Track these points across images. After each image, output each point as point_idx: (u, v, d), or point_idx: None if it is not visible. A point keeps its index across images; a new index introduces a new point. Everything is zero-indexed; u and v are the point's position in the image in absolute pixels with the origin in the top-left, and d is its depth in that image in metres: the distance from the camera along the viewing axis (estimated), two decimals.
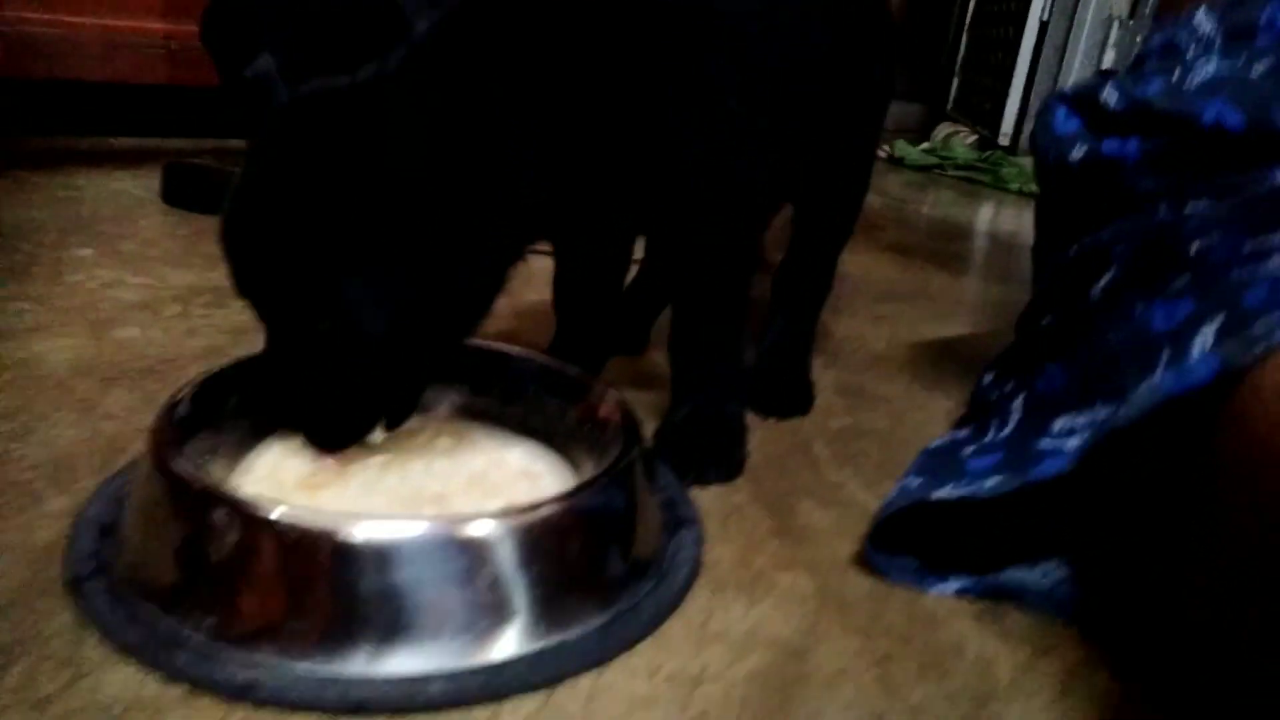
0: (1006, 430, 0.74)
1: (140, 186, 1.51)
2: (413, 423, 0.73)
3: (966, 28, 3.25)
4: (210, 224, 0.62)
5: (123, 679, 0.49)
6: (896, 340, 1.20)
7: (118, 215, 1.37)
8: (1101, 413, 0.62)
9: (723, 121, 0.71)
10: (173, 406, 0.63)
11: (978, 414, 0.82)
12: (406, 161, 0.57)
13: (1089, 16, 2.63)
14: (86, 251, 1.20)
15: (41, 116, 1.75)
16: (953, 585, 0.65)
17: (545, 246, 1.23)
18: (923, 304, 1.40)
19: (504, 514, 0.56)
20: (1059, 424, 0.66)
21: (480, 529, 0.55)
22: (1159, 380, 0.54)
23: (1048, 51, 2.72)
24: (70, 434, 0.74)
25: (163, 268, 1.16)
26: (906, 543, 0.66)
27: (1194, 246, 0.63)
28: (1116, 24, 2.61)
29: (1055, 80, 2.69)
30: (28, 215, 1.27)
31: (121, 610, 0.54)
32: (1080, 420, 0.64)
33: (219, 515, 0.53)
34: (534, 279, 0.78)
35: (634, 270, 1.03)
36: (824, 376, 1.03)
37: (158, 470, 0.56)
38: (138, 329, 0.97)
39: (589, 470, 0.68)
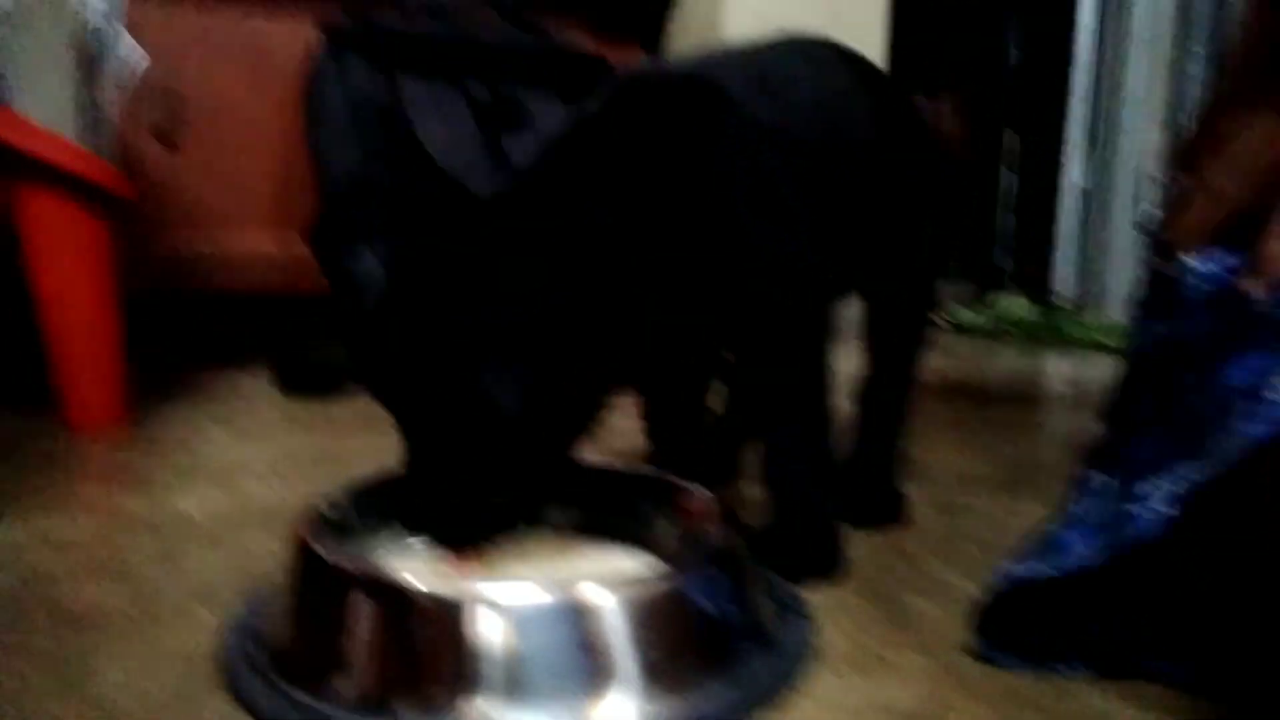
0: (1091, 499, 0.74)
1: (255, 380, 1.65)
2: (523, 535, 0.78)
3: (1012, 207, 3.38)
4: (313, 405, 0.71)
5: None
6: (985, 461, 1.21)
7: (238, 400, 1.49)
8: (1184, 471, 0.64)
9: (781, 218, 0.80)
10: (317, 509, 0.69)
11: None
12: (526, 261, 0.68)
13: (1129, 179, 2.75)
14: (213, 429, 1.30)
15: (176, 326, 1.94)
16: (1081, 670, 0.64)
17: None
18: (1004, 430, 1.42)
19: (617, 585, 0.60)
20: (1141, 488, 0.67)
21: (596, 597, 0.58)
22: (1240, 428, 0.56)
23: (1092, 213, 2.83)
24: (217, 566, 0.80)
25: (281, 438, 1.26)
26: (1023, 628, 0.66)
27: (1262, 305, 0.67)
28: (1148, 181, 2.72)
29: (1101, 238, 2.80)
30: (166, 405, 1.40)
31: (273, 694, 0.57)
32: (1163, 481, 0.66)
33: (357, 589, 0.58)
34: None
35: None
36: (913, 491, 1.04)
37: (301, 555, 0.61)
38: (264, 484, 1.04)
39: None
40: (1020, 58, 3.22)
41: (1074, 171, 2.91)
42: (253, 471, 1.09)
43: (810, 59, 0.92)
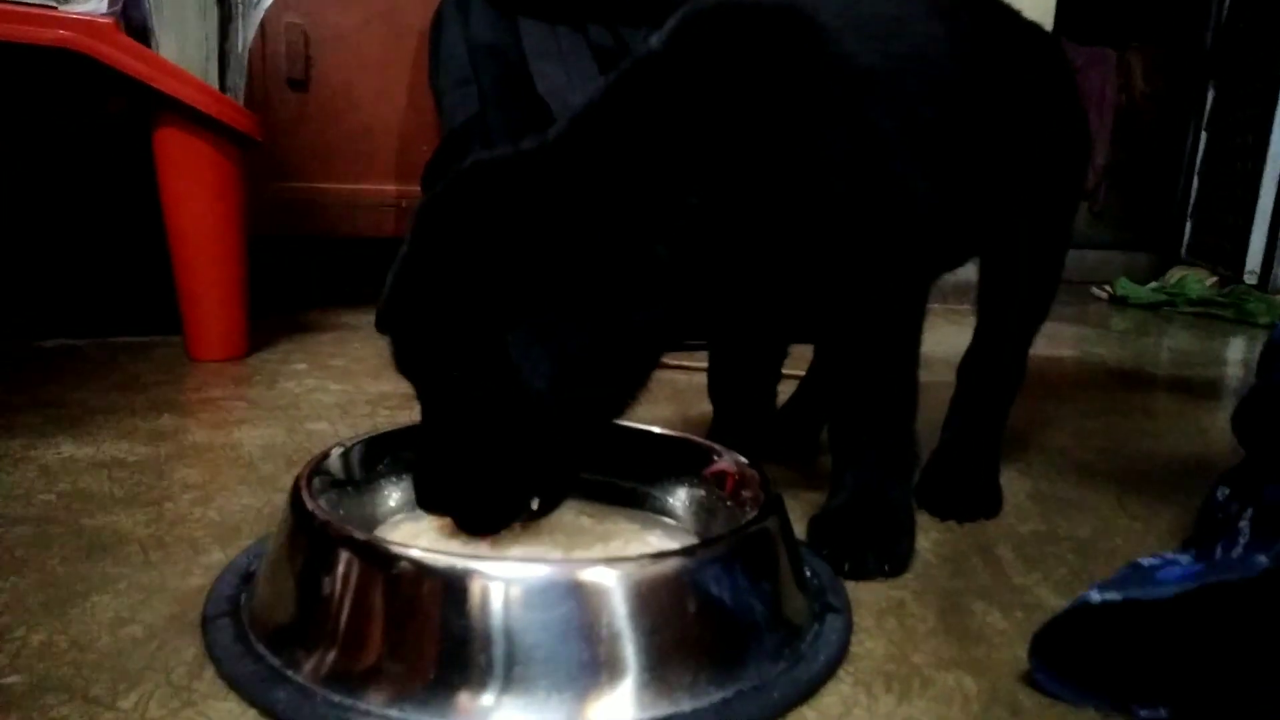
0: (1235, 553, 0.62)
1: (360, 320, 1.67)
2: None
3: (1198, 171, 3.03)
4: None
5: (224, 711, 0.49)
6: (1107, 453, 1.06)
7: (336, 340, 1.51)
8: None
9: (885, 181, 0.68)
10: (322, 458, 0.65)
11: (1206, 534, 0.69)
12: (565, 223, 0.58)
13: None
14: (301, 365, 1.31)
15: (293, 269, 1.99)
16: (1163, 714, 0.53)
17: (687, 360, 1.22)
18: (1141, 420, 1.24)
19: (619, 563, 0.53)
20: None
21: (594, 575, 0.52)
22: None
23: None
24: (245, 503, 0.79)
25: (362, 379, 1.25)
26: (1095, 657, 0.55)
27: None
28: None
29: None
30: (268, 341, 1.42)
31: (239, 646, 0.54)
32: None
33: (337, 549, 0.53)
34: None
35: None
36: (1016, 482, 0.92)
37: (290, 507, 0.57)
38: (327, 424, 1.03)
39: None
40: (1229, 6, 2.86)
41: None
42: (324, 412, 1.09)
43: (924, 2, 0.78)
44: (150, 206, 1.27)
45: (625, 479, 0.75)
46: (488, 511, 0.62)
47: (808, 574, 0.66)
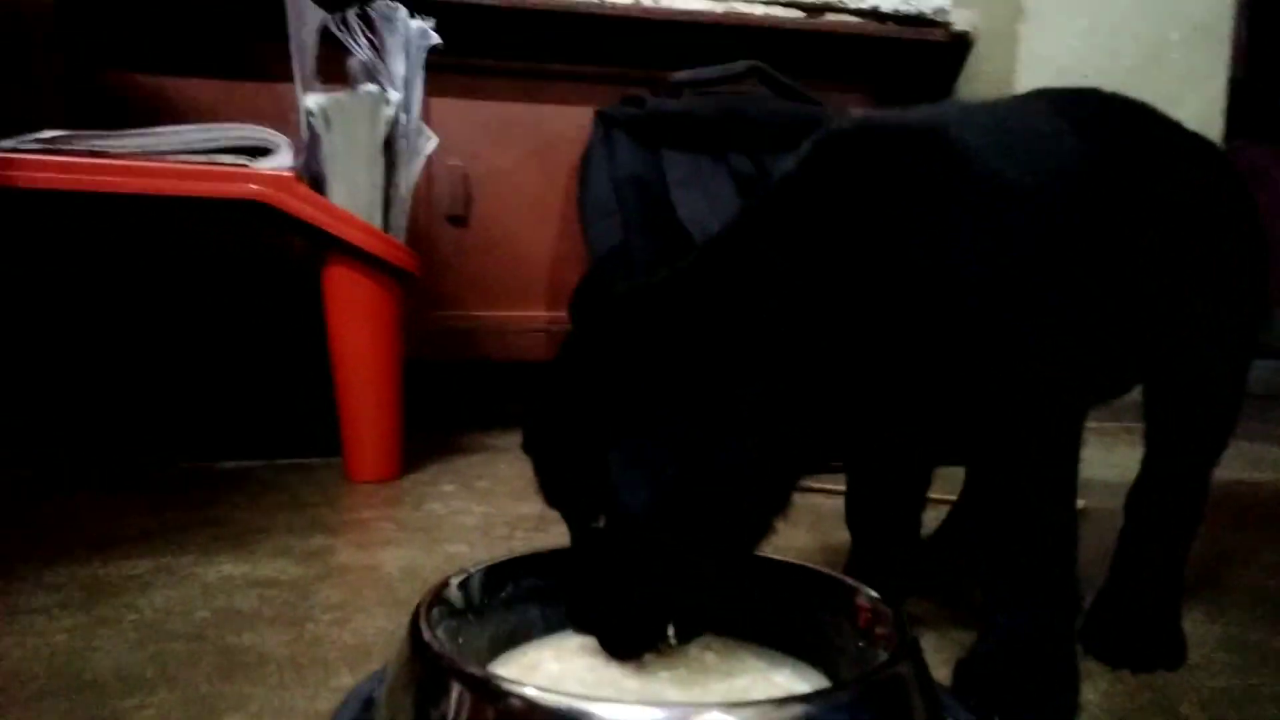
0: None
1: (507, 441, 1.72)
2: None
3: None
4: None
5: None
6: None
7: (484, 461, 1.55)
8: None
9: (1029, 305, 0.65)
10: (443, 585, 0.65)
11: None
12: (679, 348, 0.58)
13: None
14: (449, 487, 1.36)
15: (448, 393, 2.09)
16: None
17: (829, 483, 1.17)
18: None
19: (738, 708, 0.49)
20: None
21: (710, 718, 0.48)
22: None
23: None
24: (379, 625, 0.80)
25: (504, 500, 1.28)
26: None
27: None
28: None
29: None
30: (420, 463, 1.48)
31: None
32: None
33: (449, 681, 0.52)
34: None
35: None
36: (1202, 627, 0.82)
37: (408, 636, 0.57)
38: (466, 546, 1.05)
39: None
40: None
41: None
42: (464, 534, 1.11)
43: (1073, 112, 0.75)
44: (319, 338, 1.38)
45: (757, 611, 0.71)
46: (621, 635, 0.61)
47: None
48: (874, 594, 0.66)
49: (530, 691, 0.50)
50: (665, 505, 0.56)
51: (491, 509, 1.23)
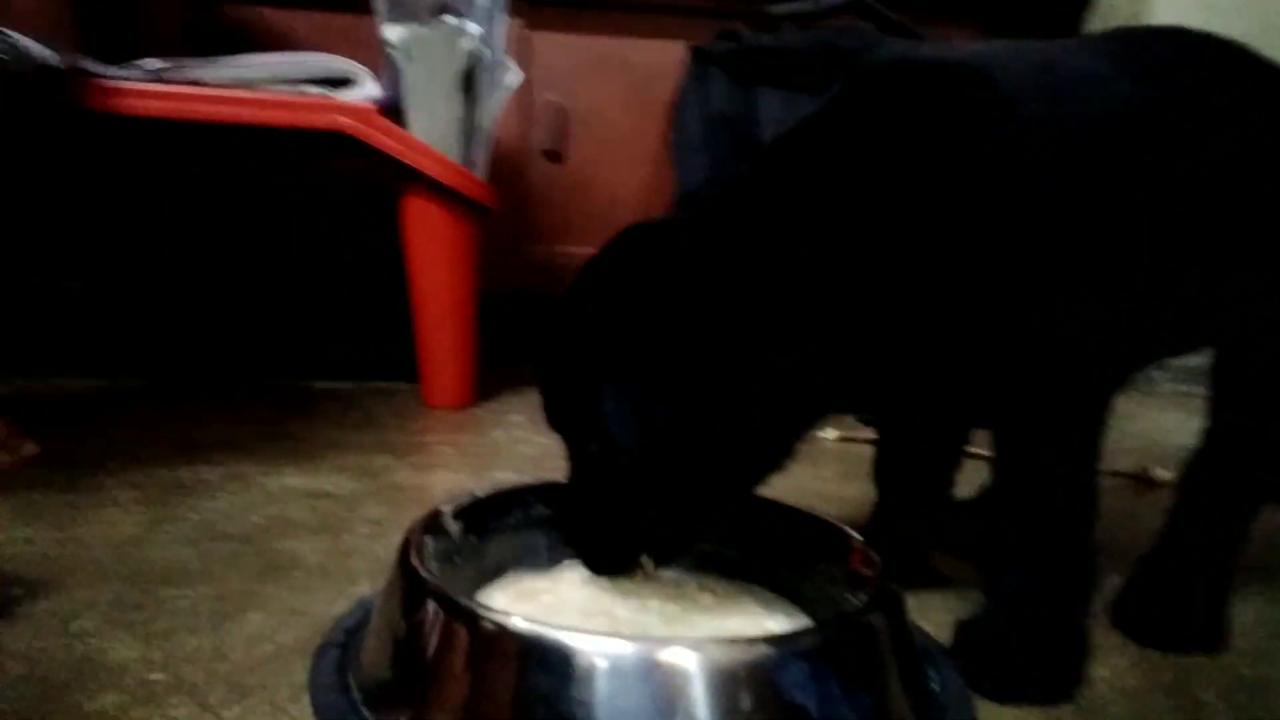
0: None
1: None
2: (683, 576, 0.71)
3: None
4: None
5: None
6: None
7: None
8: None
9: (1068, 260, 0.61)
10: (436, 513, 0.68)
11: None
12: (688, 286, 0.57)
13: None
14: (518, 417, 1.40)
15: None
16: None
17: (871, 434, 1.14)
18: None
19: (699, 645, 0.50)
20: None
21: (672, 656, 0.49)
22: None
23: None
24: None
25: None
26: None
27: None
28: None
29: None
30: (496, 392, 1.53)
31: (335, 678, 0.57)
32: None
33: (428, 606, 0.55)
34: None
35: None
36: (1257, 612, 0.77)
37: (398, 559, 0.60)
38: (513, 473, 1.09)
39: None
40: None
41: None
42: (519, 462, 1.14)
43: (1141, 55, 0.69)
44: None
45: (759, 556, 0.72)
46: (600, 554, 0.63)
47: (934, 687, 0.59)
48: (865, 544, 0.65)
49: (500, 616, 0.52)
50: (651, 442, 0.57)
51: (552, 441, 1.26)
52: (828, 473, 1.15)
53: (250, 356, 1.68)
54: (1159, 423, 1.35)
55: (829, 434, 1.32)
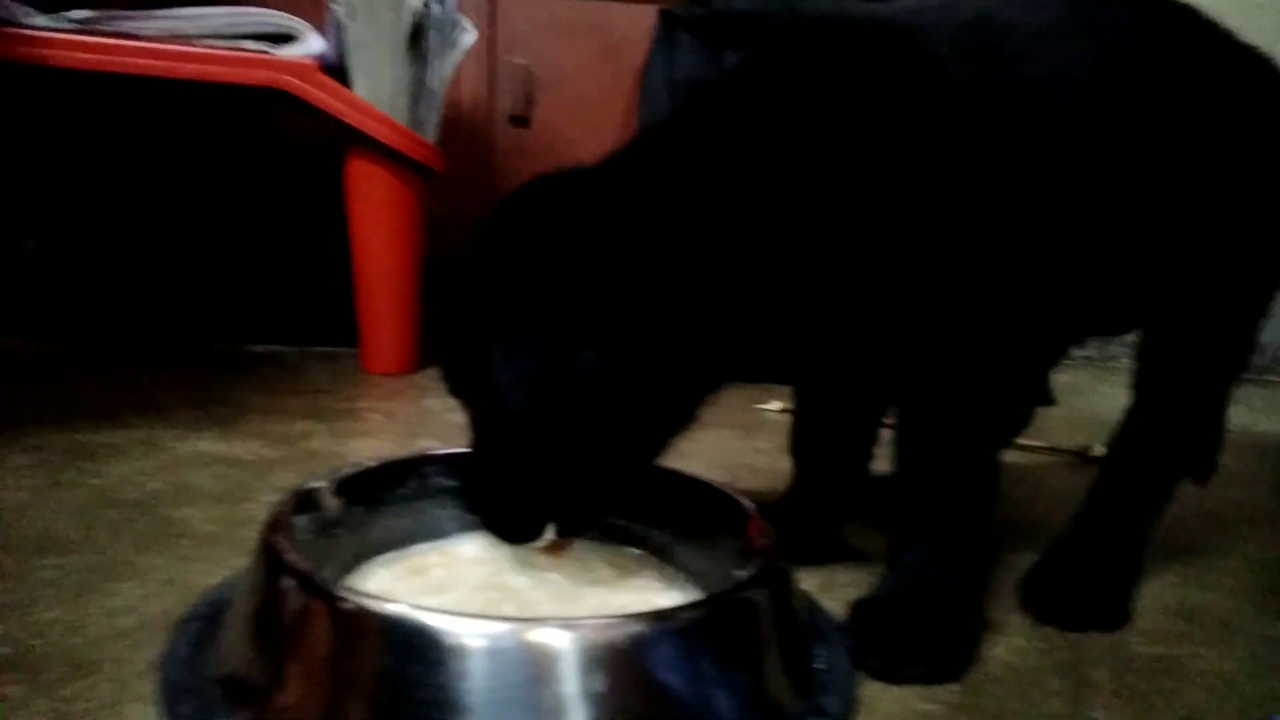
0: None
1: None
2: (588, 550, 0.68)
3: None
4: None
5: (140, 715, 0.50)
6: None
7: None
8: None
9: (989, 229, 0.58)
10: (320, 482, 0.65)
11: None
12: (583, 244, 0.54)
13: None
14: None
15: None
16: None
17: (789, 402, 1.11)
18: None
19: (569, 626, 0.48)
20: None
21: (542, 635, 0.47)
22: None
23: None
24: None
25: None
26: None
27: None
28: None
29: None
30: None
31: (190, 653, 0.55)
32: None
33: (286, 586, 0.52)
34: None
35: None
36: (1164, 592, 0.75)
37: (261, 543, 0.57)
38: (440, 440, 1.06)
39: None
40: None
41: None
42: (446, 431, 1.12)
43: (1089, 10, 0.66)
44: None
45: (646, 528, 0.69)
46: (504, 523, 0.60)
47: (820, 666, 0.57)
48: (761, 517, 0.62)
49: (360, 597, 0.50)
50: (543, 406, 0.54)
51: None
52: (765, 445, 1.12)
53: (192, 320, 1.65)
54: (1112, 400, 1.33)
55: (772, 406, 1.29)
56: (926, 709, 0.55)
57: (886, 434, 0.78)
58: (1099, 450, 1.13)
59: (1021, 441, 1.12)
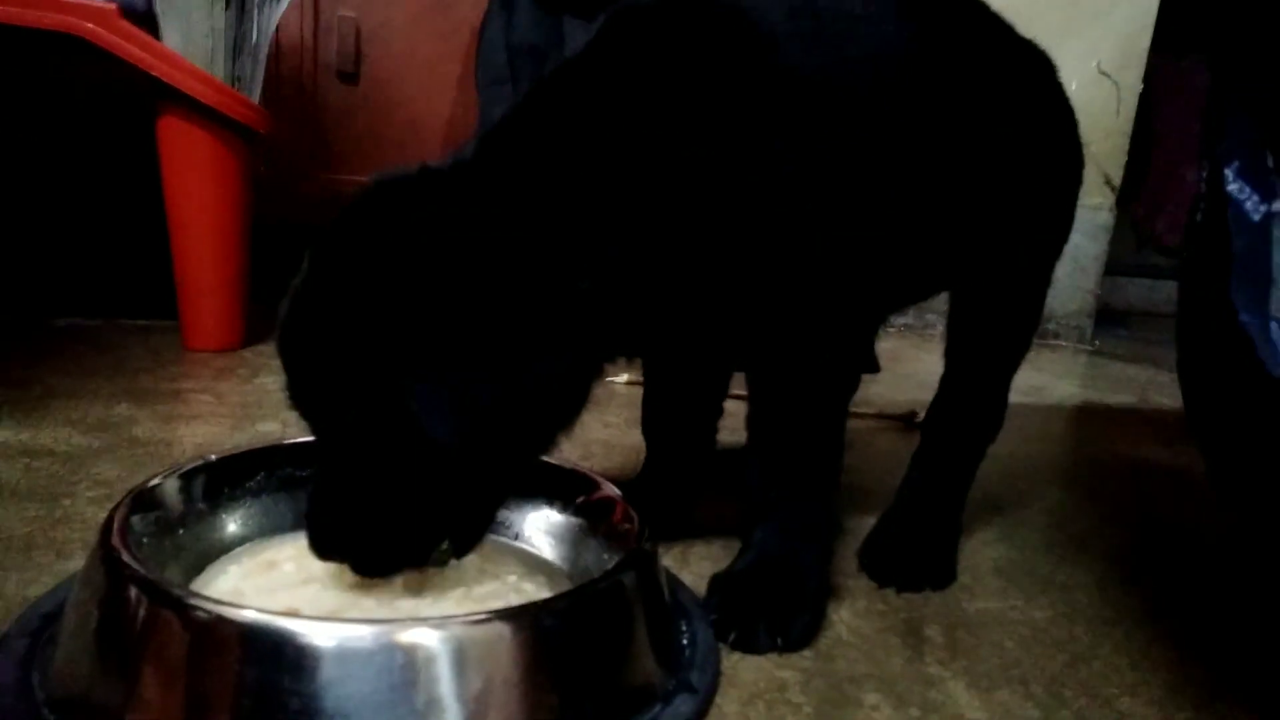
0: None
1: None
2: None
3: None
4: None
5: None
6: (1110, 522, 0.94)
7: None
8: None
9: (827, 204, 0.61)
10: (160, 478, 0.61)
11: None
12: (469, 259, 0.52)
13: None
14: None
15: None
16: None
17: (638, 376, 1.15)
18: (1165, 483, 1.11)
19: (434, 624, 0.48)
20: None
21: (413, 636, 0.47)
22: None
23: None
24: None
25: None
26: None
27: None
28: None
29: None
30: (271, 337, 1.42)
31: (16, 673, 0.51)
32: None
33: (130, 596, 0.49)
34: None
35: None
36: (986, 549, 0.82)
37: (97, 545, 0.53)
38: (278, 424, 1.01)
39: None
40: None
41: None
42: (284, 412, 1.06)
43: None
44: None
45: (505, 514, 0.69)
46: (388, 556, 0.57)
47: (684, 641, 0.60)
48: (626, 500, 0.64)
49: (214, 605, 0.47)
50: (477, 431, 0.52)
51: None
52: (615, 419, 1.14)
53: None
54: (932, 365, 1.44)
55: (619, 379, 1.31)
56: (784, 676, 0.59)
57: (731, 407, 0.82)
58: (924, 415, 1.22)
59: (851, 409, 1.19)
